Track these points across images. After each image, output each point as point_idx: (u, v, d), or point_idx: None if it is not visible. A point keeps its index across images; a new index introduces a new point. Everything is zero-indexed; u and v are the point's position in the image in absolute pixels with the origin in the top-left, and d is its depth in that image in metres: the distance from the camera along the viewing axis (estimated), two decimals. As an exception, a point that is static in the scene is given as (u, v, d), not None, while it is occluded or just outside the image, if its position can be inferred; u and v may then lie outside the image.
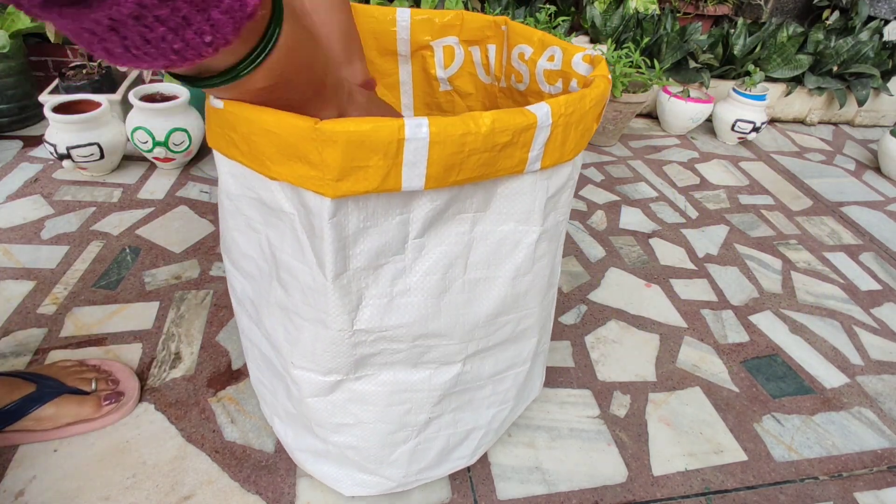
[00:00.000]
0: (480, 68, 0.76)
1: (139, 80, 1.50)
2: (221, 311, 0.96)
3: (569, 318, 1.05)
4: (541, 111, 0.44)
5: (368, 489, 0.67)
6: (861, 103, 1.97)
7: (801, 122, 2.13)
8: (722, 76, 1.95)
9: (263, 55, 0.32)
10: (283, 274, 0.50)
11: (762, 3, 2.14)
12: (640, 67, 1.65)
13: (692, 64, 1.84)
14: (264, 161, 0.43)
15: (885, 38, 2.03)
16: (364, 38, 0.76)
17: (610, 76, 0.55)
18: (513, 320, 0.58)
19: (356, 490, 0.67)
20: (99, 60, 1.38)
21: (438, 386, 0.58)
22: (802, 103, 2.07)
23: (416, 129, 0.39)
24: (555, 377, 0.92)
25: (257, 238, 0.51)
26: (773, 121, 2.10)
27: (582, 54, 0.60)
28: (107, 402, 0.75)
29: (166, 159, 1.30)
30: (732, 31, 1.89)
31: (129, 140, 1.26)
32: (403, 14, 0.74)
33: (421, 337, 0.54)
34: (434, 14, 0.74)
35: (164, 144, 1.25)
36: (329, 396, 0.57)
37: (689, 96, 1.77)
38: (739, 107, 1.78)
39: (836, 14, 2.14)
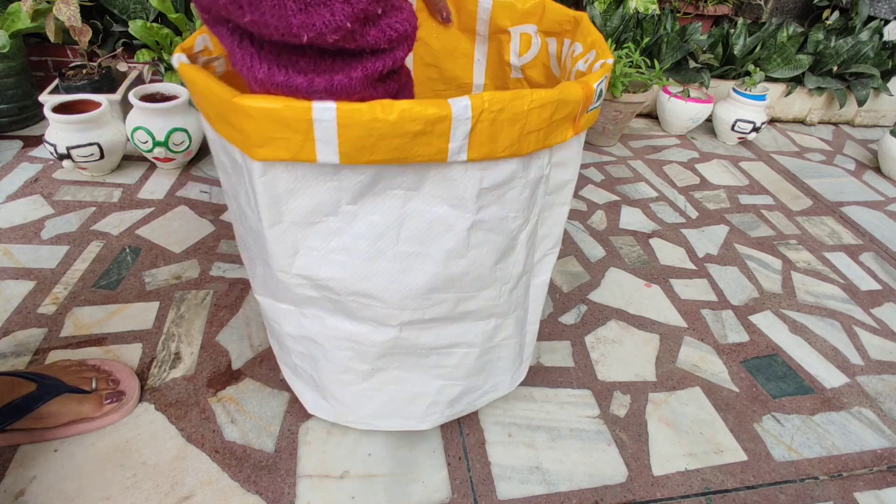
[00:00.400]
0: (554, 60, 0.75)
1: (139, 80, 1.50)
2: (221, 311, 0.96)
3: (569, 318, 1.05)
4: (459, 104, 0.45)
5: (325, 414, 0.76)
6: (861, 103, 1.97)
7: (801, 122, 2.13)
8: (722, 76, 1.96)
9: None
10: (241, 216, 0.58)
11: (762, 3, 2.14)
12: (640, 67, 1.65)
13: (692, 64, 1.84)
14: (209, 117, 0.51)
15: (885, 38, 2.03)
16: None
17: (598, 84, 0.54)
18: (449, 299, 0.61)
19: (317, 411, 0.76)
20: (99, 61, 1.38)
21: (377, 343, 0.63)
22: (802, 103, 2.07)
23: (323, 112, 0.43)
24: (555, 377, 0.92)
25: (227, 181, 0.59)
26: (773, 121, 2.10)
27: (602, 62, 0.60)
28: (108, 401, 0.75)
29: (166, 159, 1.30)
30: (732, 31, 1.89)
31: (129, 140, 1.26)
32: None
33: (354, 294, 0.58)
34: (516, 0, 0.75)
35: (164, 144, 1.25)
36: (286, 325, 0.66)
37: (689, 96, 1.77)
38: (739, 107, 1.78)
39: (836, 14, 2.14)
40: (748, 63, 1.91)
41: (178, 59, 0.52)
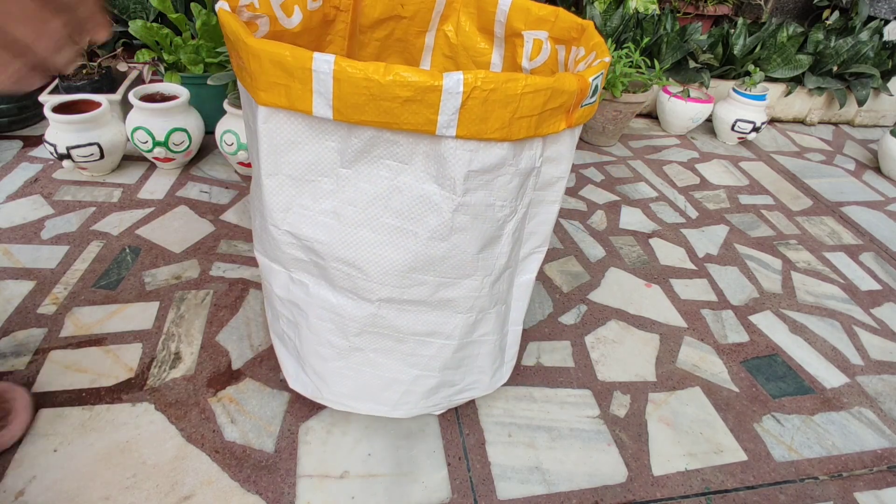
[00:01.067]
0: (562, 68, 0.77)
1: (139, 80, 1.50)
2: (221, 311, 0.96)
3: (569, 318, 1.05)
4: (452, 77, 0.47)
5: (304, 389, 0.76)
6: (861, 103, 1.97)
7: (801, 122, 2.13)
8: (722, 76, 1.95)
9: None
10: (248, 158, 0.62)
11: (762, 3, 2.14)
12: (640, 67, 1.65)
13: (692, 64, 1.84)
14: (235, 66, 0.55)
15: (885, 38, 2.03)
16: (467, 4, 0.83)
17: (594, 79, 0.55)
18: (429, 282, 0.62)
19: (297, 386, 0.77)
20: (99, 61, 1.38)
21: (356, 318, 0.65)
22: (802, 103, 2.07)
23: (322, 63, 0.46)
24: (555, 377, 0.92)
25: (250, 134, 0.61)
26: (773, 121, 2.10)
27: (600, 60, 0.61)
28: None
29: (166, 159, 1.30)
30: (732, 31, 1.89)
31: (129, 140, 1.26)
32: None
33: (338, 260, 0.60)
34: (533, 5, 0.77)
35: (164, 144, 1.25)
36: (276, 286, 0.68)
37: (689, 96, 1.77)
38: (739, 107, 1.78)
39: (836, 14, 2.14)
40: (748, 63, 1.91)
41: (220, 5, 0.56)
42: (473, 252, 0.61)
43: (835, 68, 1.98)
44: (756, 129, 1.79)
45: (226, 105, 1.24)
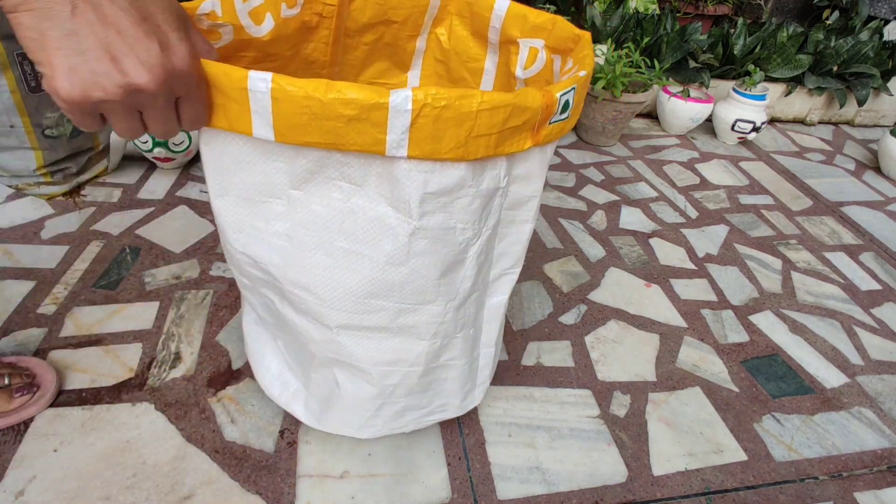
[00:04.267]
0: (557, 78, 0.74)
1: (139, 80, 1.50)
2: (221, 311, 0.96)
3: (569, 318, 1.05)
4: (399, 95, 0.43)
5: (284, 402, 0.76)
6: (861, 103, 1.97)
7: (801, 121, 2.13)
8: (722, 76, 1.95)
9: None
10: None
11: (762, 3, 2.14)
12: (640, 67, 1.65)
13: (692, 64, 1.84)
14: None
15: (885, 38, 2.03)
16: (461, 9, 0.80)
17: (563, 94, 0.51)
18: (388, 309, 0.59)
19: (277, 397, 0.76)
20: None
21: (318, 341, 0.63)
22: (802, 103, 2.07)
23: (258, 82, 0.43)
24: (555, 377, 0.92)
25: None
26: (773, 121, 2.10)
27: (572, 74, 0.58)
28: (18, 395, 0.75)
29: (166, 159, 1.30)
30: (732, 31, 1.89)
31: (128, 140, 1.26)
32: (502, 4, 0.74)
33: (292, 283, 0.58)
34: (530, 12, 0.73)
35: (164, 144, 1.25)
36: (250, 296, 0.68)
37: (689, 96, 1.77)
38: (739, 107, 1.78)
39: (836, 14, 2.14)
40: (748, 63, 1.91)
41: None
42: (434, 277, 0.58)
43: (835, 68, 1.98)
44: (756, 129, 1.79)
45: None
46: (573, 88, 0.53)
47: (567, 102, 0.53)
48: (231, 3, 0.61)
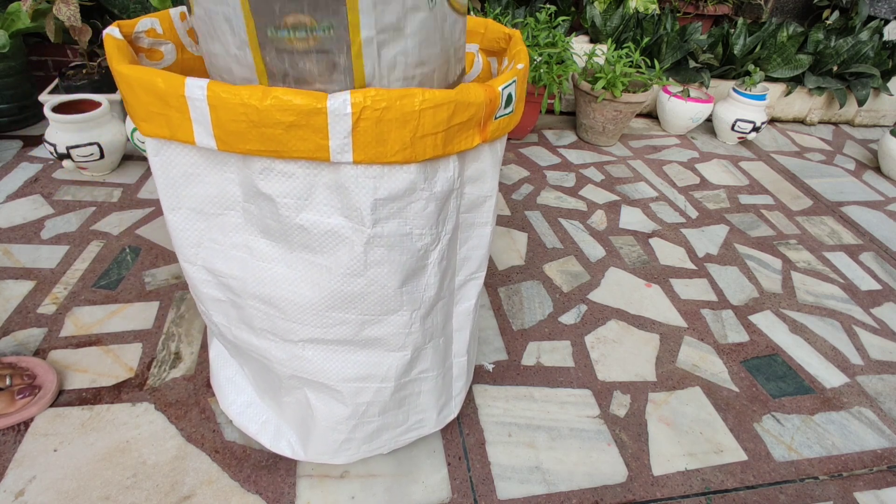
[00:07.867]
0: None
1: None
2: (221, 311, 0.96)
3: (569, 318, 1.05)
4: (337, 99, 0.43)
5: (247, 426, 0.73)
6: (861, 103, 1.97)
7: (801, 121, 2.13)
8: (722, 76, 1.96)
9: None
10: None
11: (762, 3, 2.14)
12: (640, 67, 1.65)
13: (692, 64, 1.84)
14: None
15: (885, 38, 2.03)
16: None
17: (505, 88, 0.51)
18: (351, 321, 0.58)
19: (238, 421, 0.74)
20: (99, 60, 1.38)
21: (282, 361, 0.61)
22: (802, 103, 2.07)
23: (195, 90, 0.43)
24: (555, 377, 0.92)
25: None
26: (773, 121, 2.10)
27: (511, 67, 0.58)
28: (20, 396, 0.75)
29: (166, 159, 1.30)
30: (732, 30, 1.89)
31: (128, 140, 1.26)
32: None
33: (254, 297, 0.57)
34: None
35: (164, 144, 1.25)
36: (210, 324, 0.65)
37: (689, 96, 1.77)
38: (739, 107, 1.78)
39: (836, 14, 2.14)
40: (748, 63, 1.91)
41: (109, 30, 0.52)
42: (395, 286, 0.56)
43: (835, 68, 1.98)
44: (756, 129, 1.79)
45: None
46: (514, 81, 0.53)
47: (510, 96, 0.53)
48: (170, 21, 0.61)
